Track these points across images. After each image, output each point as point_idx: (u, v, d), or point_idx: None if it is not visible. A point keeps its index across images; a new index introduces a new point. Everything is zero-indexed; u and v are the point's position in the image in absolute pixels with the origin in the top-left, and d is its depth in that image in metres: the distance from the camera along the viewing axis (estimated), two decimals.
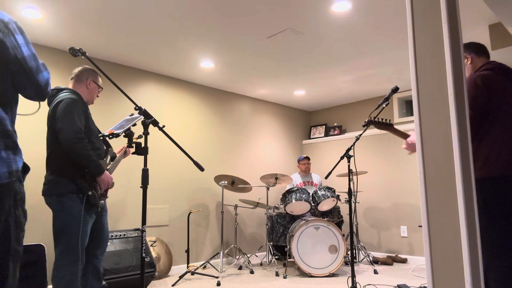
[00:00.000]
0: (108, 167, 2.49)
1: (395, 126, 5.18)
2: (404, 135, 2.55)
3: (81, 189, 2.26)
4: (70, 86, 2.51)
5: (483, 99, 2.03)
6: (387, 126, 2.55)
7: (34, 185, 3.44)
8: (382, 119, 2.58)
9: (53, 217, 2.26)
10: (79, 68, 2.53)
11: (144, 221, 1.81)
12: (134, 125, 1.97)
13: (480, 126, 2.04)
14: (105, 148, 2.58)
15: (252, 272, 4.26)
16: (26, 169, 1.45)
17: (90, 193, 2.27)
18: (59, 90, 2.42)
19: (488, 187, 1.98)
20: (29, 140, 3.47)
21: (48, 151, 2.35)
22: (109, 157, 2.54)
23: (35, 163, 3.47)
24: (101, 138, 2.52)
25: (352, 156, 3.21)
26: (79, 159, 2.23)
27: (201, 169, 1.99)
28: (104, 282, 2.51)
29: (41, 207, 3.46)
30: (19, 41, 1.34)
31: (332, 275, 4.07)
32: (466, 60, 2.23)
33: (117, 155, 2.63)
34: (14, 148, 1.35)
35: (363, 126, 2.64)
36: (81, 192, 2.27)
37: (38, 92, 1.41)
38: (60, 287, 2.17)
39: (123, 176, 4.05)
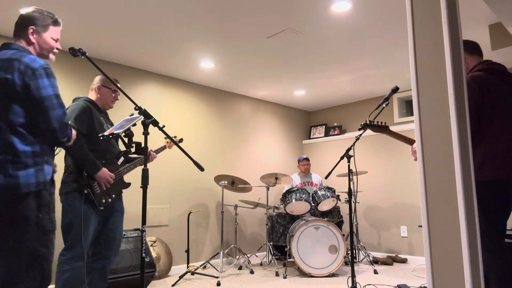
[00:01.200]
0: (120, 169, 2.55)
1: (394, 128, 5.19)
2: (405, 139, 2.55)
3: (79, 187, 2.34)
4: (88, 95, 2.70)
5: (478, 101, 2.01)
6: (383, 128, 2.56)
7: None
8: (377, 122, 2.60)
9: (61, 214, 2.36)
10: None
11: (144, 221, 1.81)
12: (134, 125, 1.97)
13: (476, 130, 2.03)
14: (120, 151, 2.65)
15: (252, 272, 4.26)
16: (53, 182, 1.80)
17: (86, 191, 2.33)
18: (74, 99, 2.59)
19: (483, 191, 1.97)
20: None
21: (65, 153, 2.51)
22: (121, 159, 2.58)
23: None
24: (102, 138, 2.55)
25: (352, 156, 3.21)
26: (74, 158, 2.35)
27: (201, 169, 2.00)
28: None
29: None
30: (41, 84, 1.70)
31: (332, 275, 4.07)
32: None
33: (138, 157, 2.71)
34: (41, 164, 1.72)
35: (359, 129, 2.67)
36: (81, 191, 2.35)
37: (51, 131, 1.73)
38: (61, 281, 2.21)
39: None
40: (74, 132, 1.86)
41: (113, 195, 2.49)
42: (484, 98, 2.02)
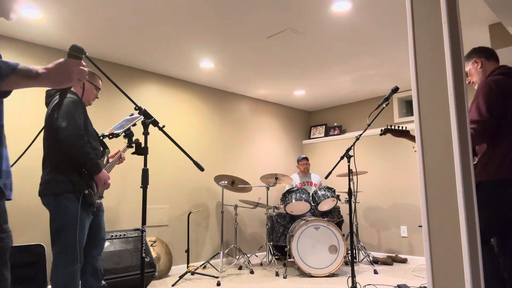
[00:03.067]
0: (104, 168, 2.50)
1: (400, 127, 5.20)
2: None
3: (78, 187, 2.25)
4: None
5: (499, 103, 2.03)
6: (404, 133, 2.59)
7: (33, 185, 3.44)
8: (399, 126, 2.62)
9: (50, 217, 2.24)
10: None
11: (144, 221, 1.81)
12: (134, 125, 1.97)
13: (497, 131, 2.04)
14: (102, 149, 2.58)
15: (252, 272, 4.25)
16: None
17: (86, 191, 2.26)
18: (58, 91, 2.42)
19: (502, 188, 1.99)
20: (24, 141, 3.47)
21: (45, 151, 2.33)
22: (106, 158, 2.55)
23: (31, 163, 3.48)
24: (100, 138, 2.53)
25: (352, 156, 3.20)
26: (78, 157, 2.22)
27: (201, 169, 1.99)
28: (103, 282, 2.51)
29: (40, 207, 3.46)
30: None
31: (332, 275, 4.07)
32: (476, 64, 2.23)
33: (110, 160, 2.63)
34: None
35: (380, 135, 2.70)
36: (78, 191, 2.26)
37: None
38: (58, 287, 2.17)
39: (122, 176, 4.04)
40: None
41: (103, 196, 2.47)
42: (505, 101, 2.04)
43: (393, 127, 2.63)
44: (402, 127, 2.66)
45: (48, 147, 2.32)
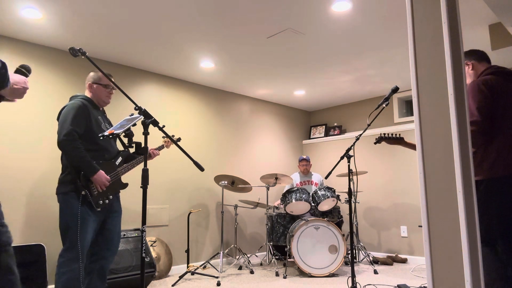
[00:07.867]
0: (118, 169, 2.54)
1: (394, 128, 5.19)
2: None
3: (78, 188, 2.34)
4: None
5: (489, 103, 2.05)
6: (398, 140, 2.61)
7: (33, 185, 3.44)
8: (393, 134, 2.64)
9: (59, 215, 2.36)
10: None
11: (144, 221, 1.81)
12: (134, 125, 1.97)
13: (489, 131, 2.06)
14: (119, 150, 2.64)
15: (252, 272, 4.25)
16: None
17: (83, 193, 2.33)
18: (72, 98, 2.55)
19: (496, 186, 1.99)
20: (36, 144, 3.47)
21: (61, 153, 2.49)
22: (120, 159, 2.57)
23: (30, 164, 3.48)
24: (102, 138, 2.54)
25: (352, 156, 3.20)
26: (70, 160, 2.34)
27: (201, 169, 2.00)
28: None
29: (41, 208, 3.46)
30: None
31: (332, 275, 4.07)
32: (467, 67, 2.28)
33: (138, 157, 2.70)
34: None
35: (375, 143, 2.72)
36: (79, 191, 2.36)
37: None
38: (60, 284, 2.21)
39: (122, 175, 4.04)
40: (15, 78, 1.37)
41: (111, 196, 2.48)
42: (495, 100, 2.07)
43: (387, 135, 2.65)
44: (397, 134, 2.68)
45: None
